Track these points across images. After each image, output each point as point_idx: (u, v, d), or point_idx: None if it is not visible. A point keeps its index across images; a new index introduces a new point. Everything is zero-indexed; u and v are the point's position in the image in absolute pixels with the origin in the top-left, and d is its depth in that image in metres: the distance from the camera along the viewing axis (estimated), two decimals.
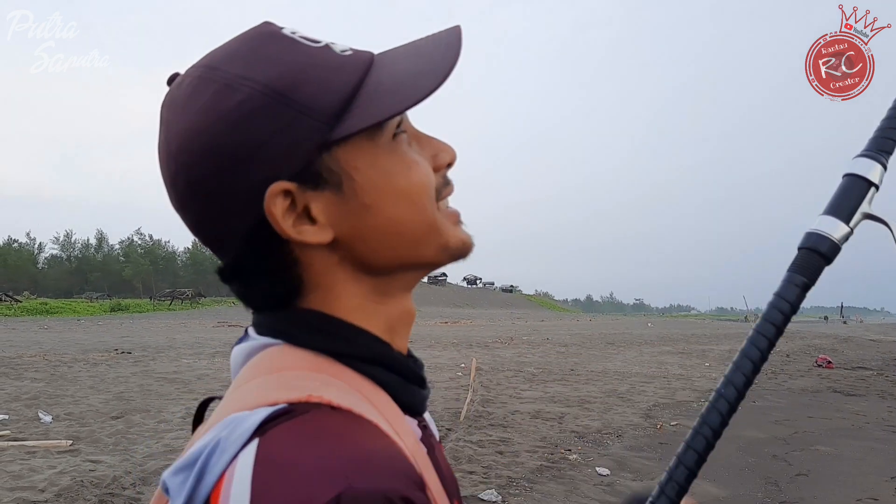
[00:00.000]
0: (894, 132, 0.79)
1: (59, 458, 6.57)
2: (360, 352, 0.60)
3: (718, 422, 0.70)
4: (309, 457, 0.46)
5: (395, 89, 0.57)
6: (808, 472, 6.95)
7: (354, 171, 0.58)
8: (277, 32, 0.60)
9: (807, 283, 0.75)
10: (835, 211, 0.76)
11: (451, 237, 0.64)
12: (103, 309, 60.85)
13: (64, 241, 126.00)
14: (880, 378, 15.34)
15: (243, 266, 0.61)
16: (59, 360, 15.68)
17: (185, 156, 0.57)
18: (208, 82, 0.57)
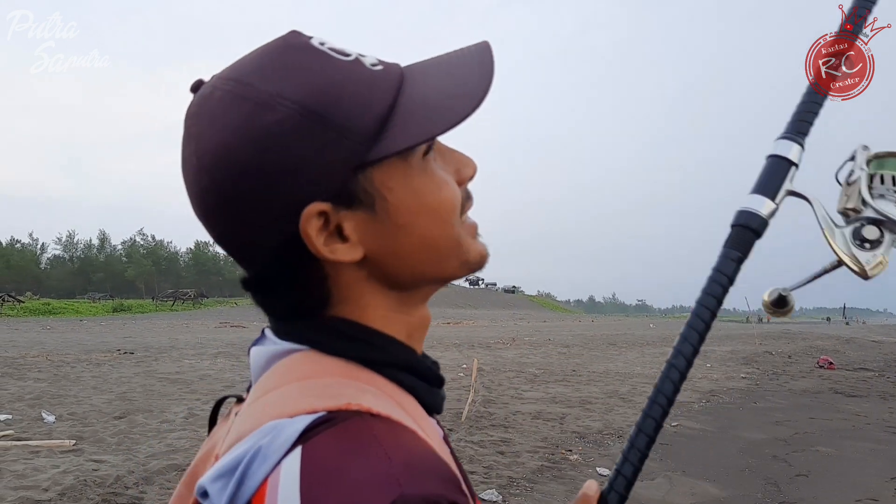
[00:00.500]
0: (809, 115, 0.85)
1: (62, 458, 6.59)
2: (390, 359, 0.61)
3: (672, 389, 0.76)
4: (358, 464, 0.47)
5: (431, 111, 0.57)
6: (809, 472, 6.97)
7: (388, 192, 0.58)
8: (307, 44, 0.59)
9: (741, 257, 0.80)
10: (761, 189, 0.82)
11: (472, 251, 0.65)
12: (106, 309, 60.88)
13: (66, 241, 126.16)
14: (882, 379, 15.32)
15: (269, 278, 0.62)
16: (62, 361, 15.70)
17: (219, 173, 0.57)
18: (241, 99, 0.56)
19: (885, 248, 0.77)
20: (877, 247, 0.77)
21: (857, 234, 0.78)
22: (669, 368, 0.77)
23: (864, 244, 0.78)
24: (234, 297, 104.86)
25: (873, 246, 0.77)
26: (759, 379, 15.19)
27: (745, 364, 18.97)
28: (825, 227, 0.80)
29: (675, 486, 6.33)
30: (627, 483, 0.74)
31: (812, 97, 0.87)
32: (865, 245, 0.78)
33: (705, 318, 0.78)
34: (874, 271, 0.77)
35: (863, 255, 0.77)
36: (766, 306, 0.85)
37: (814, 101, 0.87)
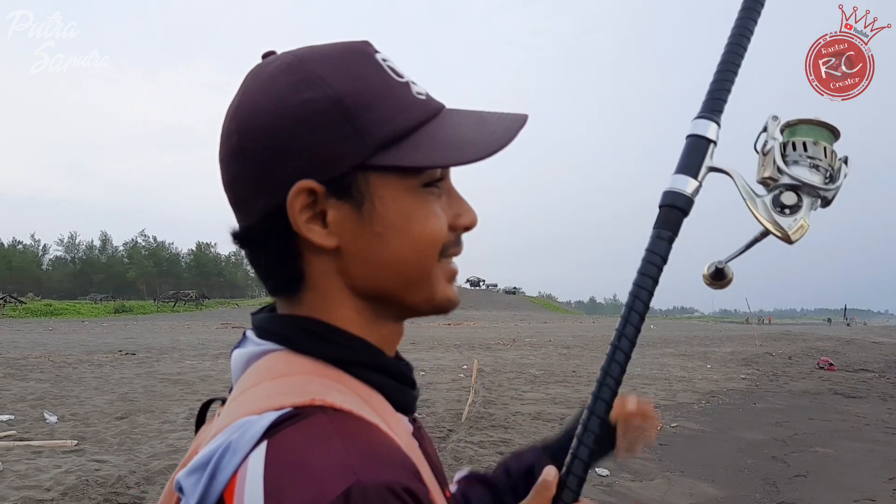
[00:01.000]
0: (723, 93, 0.88)
1: (64, 458, 6.63)
2: (357, 358, 0.65)
3: (619, 371, 0.79)
4: (317, 456, 0.51)
5: (442, 147, 0.64)
6: (807, 473, 6.99)
7: (378, 199, 0.64)
8: (371, 55, 0.66)
9: (671, 236, 0.84)
10: (684, 169, 0.85)
11: (439, 292, 0.69)
12: (107, 310, 60.84)
13: (68, 242, 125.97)
14: (882, 380, 15.33)
15: (253, 238, 0.67)
16: (64, 362, 15.73)
17: (247, 123, 0.64)
18: (293, 71, 0.63)
19: (805, 211, 0.81)
20: (796, 211, 0.80)
21: (777, 202, 0.81)
22: (614, 351, 0.80)
23: (784, 210, 0.81)
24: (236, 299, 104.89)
25: (793, 211, 0.81)
26: (759, 380, 15.20)
27: (745, 365, 18.97)
28: (746, 197, 0.83)
29: (674, 486, 6.36)
30: (584, 465, 0.77)
31: (723, 75, 0.89)
32: (785, 211, 0.81)
33: (644, 298, 0.81)
34: (796, 235, 0.80)
35: (784, 220, 0.80)
36: (705, 279, 0.89)
37: (725, 79, 0.89)
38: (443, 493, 0.65)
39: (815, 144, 0.83)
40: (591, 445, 0.77)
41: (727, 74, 0.89)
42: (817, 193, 0.82)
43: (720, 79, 0.89)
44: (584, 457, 0.77)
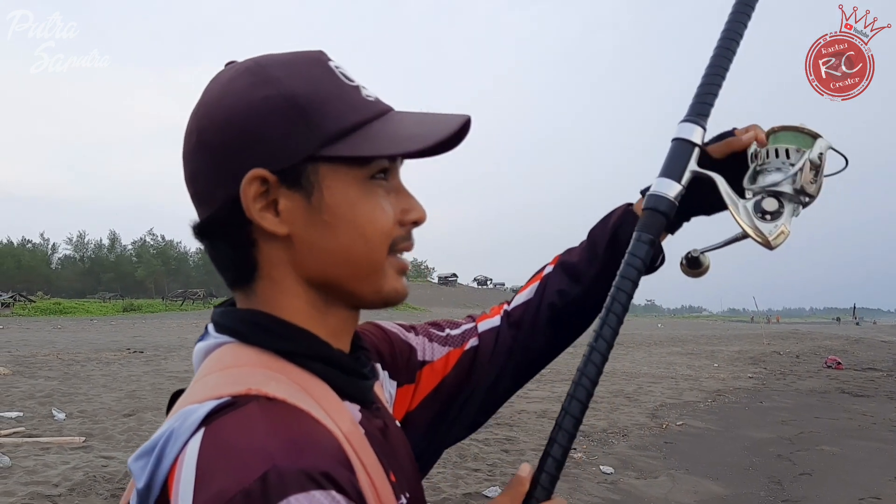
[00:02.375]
0: (709, 97, 0.89)
1: (72, 455, 6.68)
2: (301, 349, 0.68)
3: (595, 372, 0.80)
4: (241, 442, 0.54)
5: (387, 140, 0.67)
6: (812, 471, 6.98)
7: (326, 189, 0.67)
8: (325, 62, 0.71)
9: (652, 240, 0.85)
10: (668, 172, 0.87)
11: (387, 284, 0.71)
12: (116, 309, 61.09)
13: (77, 241, 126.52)
14: (890, 379, 15.26)
15: (211, 229, 0.70)
16: (73, 359, 15.83)
17: (206, 120, 0.68)
18: (251, 73, 0.68)
19: (786, 217, 0.82)
20: (777, 217, 0.81)
21: (758, 207, 0.82)
22: (592, 352, 0.81)
23: (766, 216, 0.82)
24: None
25: (774, 217, 0.81)
26: (766, 379, 15.16)
27: (753, 364, 18.91)
28: (729, 202, 0.84)
29: (678, 484, 6.36)
30: (557, 464, 0.77)
31: (711, 79, 0.90)
32: (766, 217, 0.82)
33: (623, 301, 0.82)
34: (776, 241, 0.81)
35: (765, 226, 0.81)
36: (682, 269, 0.91)
37: (713, 82, 0.90)
38: (387, 478, 0.68)
39: (797, 151, 0.83)
40: (565, 444, 0.78)
41: (715, 78, 0.90)
42: (798, 200, 0.83)
43: (707, 82, 0.90)
44: (559, 455, 0.77)
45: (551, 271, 1.03)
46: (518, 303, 1.03)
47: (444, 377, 0.96)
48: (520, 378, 1.02)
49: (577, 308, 0.99)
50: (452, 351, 0.98)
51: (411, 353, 0.96)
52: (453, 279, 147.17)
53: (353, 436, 0.64)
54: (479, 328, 1.02)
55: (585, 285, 0.98)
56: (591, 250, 0.99)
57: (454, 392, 0.96)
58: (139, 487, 0.58)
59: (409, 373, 0.95)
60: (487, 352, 0.98)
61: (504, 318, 1.02)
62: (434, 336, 1.00)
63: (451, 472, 6.28)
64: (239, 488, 0.50)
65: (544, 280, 1.02)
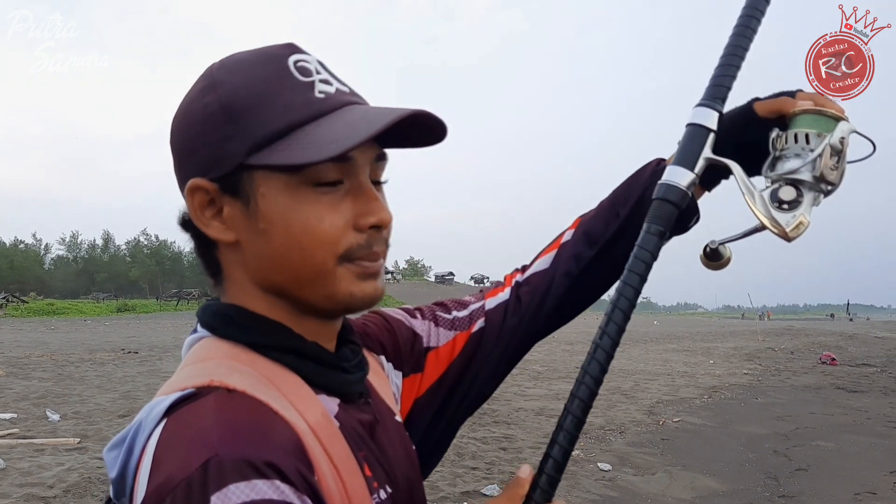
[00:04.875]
0: (726, 79, 0.84)
1: (67, 456, 6.65)
2: (269, 341, 0.68)
3: (599, 370, 0.76)
4: (193, 431, 0.56)
5: (310, 145, 0.63)
6: (808, 466, 6.99)
7: (261, 198, 0.66)
8: (282, 58, 0.68)
9: (662, 231, 0.80)
10: (680, 160, 0.82)
11: (339, 291, 0.68)
12: (110, 309, 60.88)
13: (70, 241, 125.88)
14: (884, 375, 15.32)
15: (185, 225, 0.72)
16: (67, 360, 15.77)
17: (173, 122, 0.71)
18: (204, 77, 0.69)
19: (805, 207, 0.76)
20: (796, 207, 0.76)
21: (775, 196, 0.77)
22: (595, 349, 0.77)
23: (783, 205, 0.76)
24: None
25: (792, 206, 0.76)
26: (762, 375, 15.20)
27: (748, 360, 18.98)
28: (745, 191, 0.79)
29: (676, 480, 6.37)
30: (558, 466, 0.74)
31: (728, 60, 0.85)
32: (784, 206, 0.76)
33: (630, 296, 0.78)
34: (794, 232, 0.76)
35: (782, 216, 0.76)
36: (702, 260, 0.85)
37: (731, 63, 0.85)
38: (361, 471, 0.67)
39: (817, 136, 0.78)
40: (566, 445, 0.74)
41: (732, 59, 0.85)
42: (818, 188, 0.77)
43: (725, 64, 0.85)
44: (559, 457, 0.74)
45: (570, 237, 0.98)
46: (533, 272, 1.00)
47: (450, 363, 0.95)
48: (523, 351, 1.00)
49: (591, 273, 0.96)
50: (459, 335, 0.97)
51: (416, 340, 0.95)
52: (450, 278, 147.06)
53: (321, 428, 0.65)
54: (487, 306, 0.99)
55: (600, 247, 0.94)
56: (612, 210, 0.95)
57: (461, 374, 0.95)
58: (112, 477, 0.61)
59: (415, 361, 0.94)
60: (494, 331, 0.97)
61: (514, 291, 0.99)
62: (440, 320, 0.98)
63: (448, 471, 6.28)
64: (182, 476, 0.52)
65: (561, 247, 0.98)
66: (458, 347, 0.96)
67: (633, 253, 0.81)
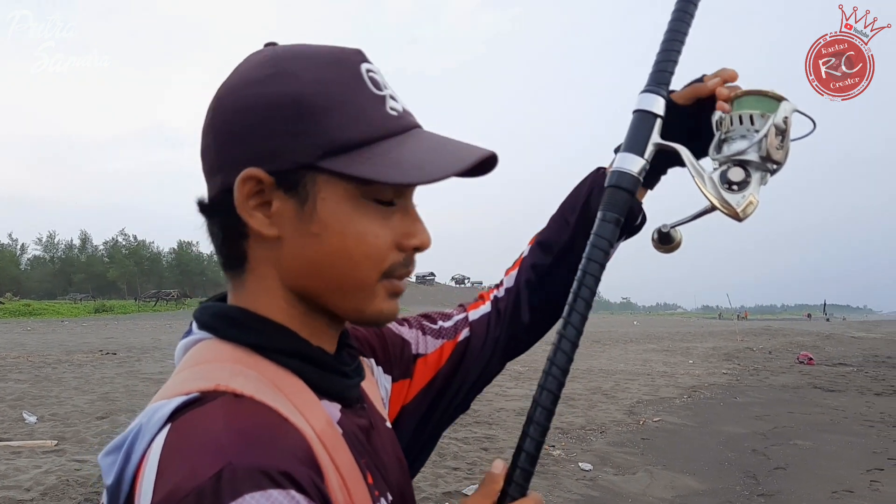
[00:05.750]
0: (669, 64, 0.86)
1: (44, 458, 6.56)
2: (277, 345, 0.67)
3: (565, 360, 0.77)
4: (200, 438, 0.54)
5: (392, 164, 0.64)
6: (787, 465, 7.07)
7: (321, 202, 0.65)
8: (355, 64, 0.68)
9: (618, 218, 0.82)
10: (630, 147, 0.83)
11: (372, 306, 0.69)
12: (87, 310, 60.15)
13: (47, 242, 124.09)
14: (860, 374, 15.52)
15: (211, 210, 0.69)
16: (43, 362, 15.56)
17: (222, 103, 0.67)
18: (270, 64, 0.66)
19: (754, 187, 0.78)
20: (745, 187, 0.78)
21: (724, 178, 0.79)
22: (560, 339, 0.78)
23: (733, 186, 0.78)
24: None
25: (741, 187, 0.78)
26: (740, 374, 15.34)
27: (727, 360, 19.15)
28: (694, 174, 0.81)
29: (656, 479, 6.41)
30: (531, 458, 0.74)
31: (669, 45, 0.87)
32: (734, 187, 0.78)
33: (590, 284, 0.79)
34: (746, 212, 0.77)
35: (732, 197, 0.78)
36: (654, 245, 0.88)
37: (671, 48, 0.87)
38: (364, 479, 0.66)
39: (761, 117, 0.79)
40: (538, 437, 0.75)
41: (673, 44, 0.87)
42: (765, 167, 0.79)
43: (666, 49, 0.87)
44: (532, 449, 0.75)
45: (527, 252, 1.03)
46: (504, 287, 1.04)
47: (438, 370, 0.96)
48: (507, 359, 1.03)
49: (552, 278, 0.99)
50: (446, 343, 0.98)
51: (405, 347, 0.95)
52: (431, 278, 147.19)
53: (326, 435, 0.63)
54: (470, 317, 1.02)
55: (556, 253, 0.98)
56: (562, 219, 0.99)
57: (447, 383, 0.96)
58: (108, 483, 0.57)
59: (404, 367, 0.94)
60: (479, 341, 0.99)
61: (494, 304, 1.03)
62: (427, 329, 0.99)
63: (430, 471, 6.26)
64: (192, 486, 0.50)
65: (521, 262, 1.03)
66: (445, 355, 0.97)
67: (589, 241, 0.82)
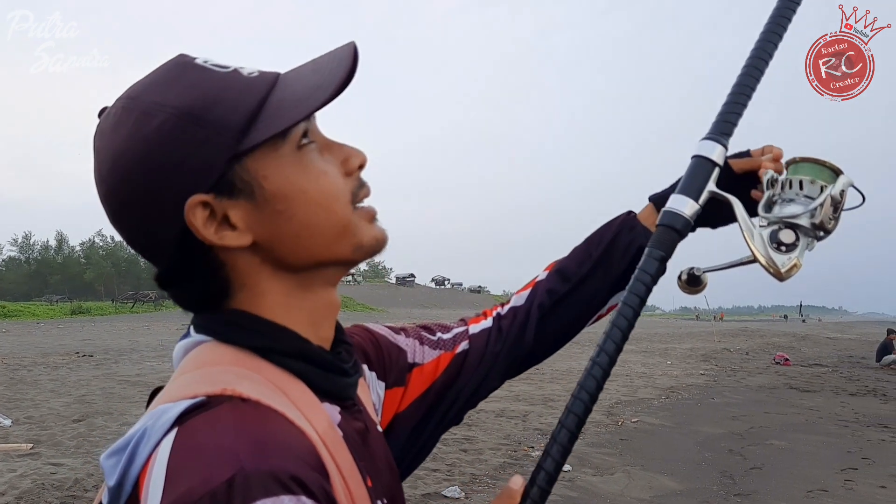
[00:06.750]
0: (733, 116, 0.88)
1: (19, 462, 6.48)
2: (279, 347, 0.67)
3: (595, 386, 0.77)
4: (211, 443, 0.54)
5: (293, 103, 0.65)
6: (763, 465, 7.15)
7: (263, 180, 0.65)
8: (190, 62, 0.67)
9: (664, 256, 0.83)
10: (686, 190, 0.85)
11: (365, 236, 0.71)
12: (64, 312, 59.27)
13: (22, 242, 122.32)
14: (835, 375, 15.75)
15: (176, 272, 0.68)
16: (19, 364, 15.35)
17: (113, 177, 0.64)
18: (129, 111, 0.64)
19: (800, 251, 0.80)
20: (792, 250, 0.80)
21: (774, 238, 0.81)
22: (593, 366, 0.78)
23: (781, 247, 0.80)
24: None
25: (789, 249, 0.80)
26: (718, 375, 15.49)
27: (704, 361, 19.30)
28: (745, 228, 0.83)
29: (634, 480, 6.46)
30: (550, 478, 0.74)
31: (736, 98, 0.88)
32: (782, 248, 0.80)
33: (629, 316, 0.80)
34: (788, 273, 0.80)
35: (779, 257, 0.80)
36: (679, 284, 0.88)
37: (738, 101, 0.88)
38: (364, 483, 0.67)
39: (812, 183, 0.82)
40: (558, 458, 0.75)
41: (741, 97, 0.88)
42: (814, 234, 0.81)
43: (733, 101, 0.88)
44: (551, 469, 0.74)
45: (544, 277, 1.04)
46: (511, 306, 1.04)
47: (434, 381, 0.96)
48: (506, 377, 1.02)
49: (565, 307, 1.00)
50: (444, 354, 0.98)
51: (400, 355, 0.95)
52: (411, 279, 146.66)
53: (329, 438, 0.64)
54: (471, 331, 1.02)
55: (574, 283, 0.99)
56: (586, 252, 1.01)
57: (442, 394, 0.96)
58: (110, 485, 0.57)
59: (399, 374, 0.94)
60: (477, 355, 0.99)
61: (496, 321, 1.03)
62: (425, 339, 0.99)
63: None
64: (205, 490, 0.50)
65: (536, 286, 1.04)
66: (441, 367, 0.97)
67: (634, 275, 0.83)
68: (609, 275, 0.98)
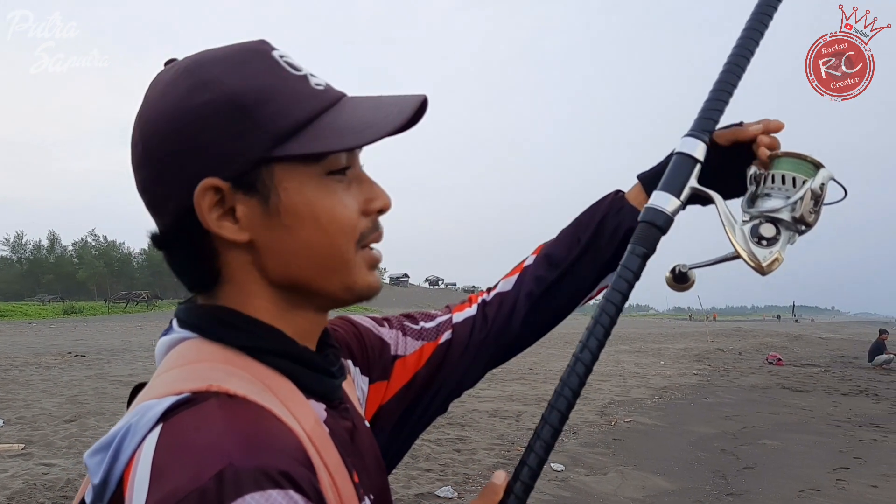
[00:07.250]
0: (715, 113, 0.88)
1: (10, 462, 6.45)
2: (264, 345, 0.67)
3: (577, 383, 0.78)
4: (199, 439, 0.53)
5: (341, 132, 0.64)
6: (755, 465, 7.18)
7: (283, 191, 0.65)
8: (267, 52, 0.67)
9: (646, 253, 0.84)
10: (667, 187, 0.86)
11: (359, 279, 0.70)
12: (56, 312, 59.05)
13: (14, 242, 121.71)
14: (827, 374, 15.82)
15: (169, 240, 0.68)
16: (10, 364, 15.28)
17: (150, 129, 0.65)
18: (189, 75, 0.65)
19: (782, 244, 0.81)
20: (773, 244, 0.81)
21: (756, 232, 0.82)
22: (575, 363, 0.79)
23: (762, 241, 0.81)
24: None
25: (770, 243, 0.81)
26: (711, 375, 15.53)
27: (698, 361, 19.37)
28: (726, 223, 0.83)
29: (627, 479, 6.47)
30: (533, 473, 0.75)
31: (718, 95, 0.89)
32: (763, 242, 0.81)
33: (611, 312, 0.81)
34: (770, 267, 0.80)
35: (760, 251, 0.80)
36: (667, 281, 0.89)
37: (720, 98, 0.89)
38: (350, 479, 0.67)
39: (792, 178, 0.83)
40: (542, 454, 0.76)
41: (722, 94, 0.89)
42: (795, 228, 0.82)
43: (714, 98, 0.89)
44: (535, 465, 0.75)
45: (531, 262, 1.03)
46: (497, 292, 1.03)
47: (416, 372, 0.96)
48: (490, 366, 1.02)
49: (554, 294, 0.99)
50: (426, 345, 0.98)
51: (383, 348, 0.95)
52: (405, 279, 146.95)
53: (315, 435, 0.63)
54: (454, 319, 1.01)
55: (563, 269, 0.99)
56: (574, 236, 1.00)
57: (426, 384, 0.96)
58: (95, 483, 0.57)
59: (382, 368, 0.94)
60: (461, 344, 0.98)
61: (481, 308, 1.02)
62: (408, 329, 0.99)
63: (403, 473, 6.26)
64: (193, 486, 0.49)
65: (523, 271, 1.03)
66: (424, 357, 0.97)
67: (616, 272, 0.84)
68: (597, 259, 0.98)
